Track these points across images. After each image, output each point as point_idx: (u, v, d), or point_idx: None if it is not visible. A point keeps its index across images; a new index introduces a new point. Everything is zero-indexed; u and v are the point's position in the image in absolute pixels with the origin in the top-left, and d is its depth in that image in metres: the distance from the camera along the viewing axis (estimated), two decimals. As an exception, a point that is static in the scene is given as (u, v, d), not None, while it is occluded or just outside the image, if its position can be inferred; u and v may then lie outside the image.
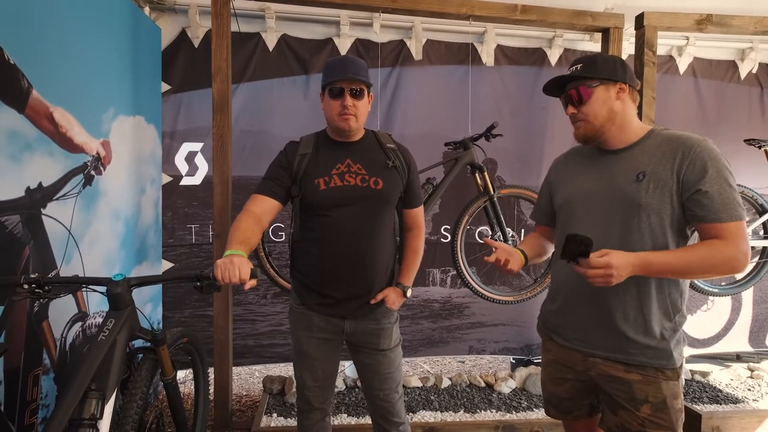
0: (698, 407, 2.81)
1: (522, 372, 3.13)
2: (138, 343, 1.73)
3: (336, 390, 2.96)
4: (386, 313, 1.82)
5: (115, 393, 1.47)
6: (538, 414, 2.75)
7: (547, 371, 1.71)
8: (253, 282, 1.44)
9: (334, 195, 1.69)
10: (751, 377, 3.27)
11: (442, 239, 3.38)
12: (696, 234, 1.45)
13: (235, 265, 1.39)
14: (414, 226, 1.90)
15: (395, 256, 1.88)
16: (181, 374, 3.23)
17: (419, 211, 1.91)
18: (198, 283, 1.52)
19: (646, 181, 1.40)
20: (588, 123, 1.48)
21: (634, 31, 2.95)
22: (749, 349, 3.78)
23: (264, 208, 1.69)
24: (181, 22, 3.04)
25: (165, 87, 3.02)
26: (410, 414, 2.74)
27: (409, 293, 1.85)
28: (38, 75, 1.81)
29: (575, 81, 1.50)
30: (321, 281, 1.75)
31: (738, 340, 3.75)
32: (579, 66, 1.50)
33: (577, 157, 1.65)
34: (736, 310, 3.73)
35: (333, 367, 1.87)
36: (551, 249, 1.81)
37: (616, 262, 1.29)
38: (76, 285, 1.63)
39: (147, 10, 2.92)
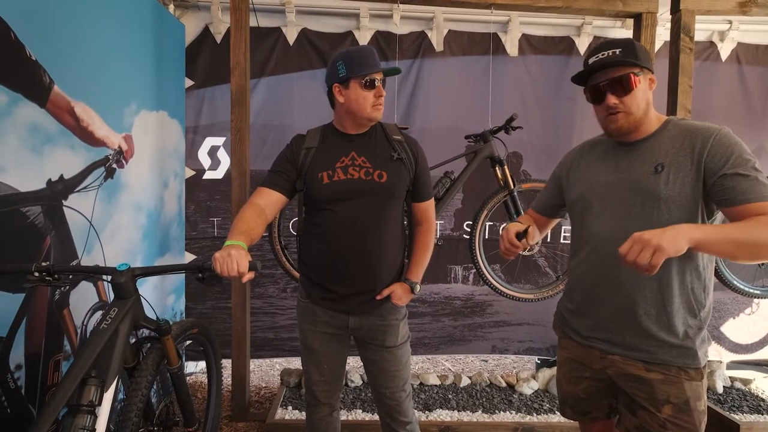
0: (737, 417, 2.64)
1: (545, 373, 3.03)
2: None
3: (352, 385, 2.95)
4: (393, 310, 1.78)
5: (116, 381, 1.49)
6: (560, 417, 2.64)
7: (563, 370, 1.65)
8: (251, 275, 1.43)
9: (337, 189, 1.66)
10: (799, 386, 3.05)
11: (464, 235, 3.31)
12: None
13: (233, 259, 1.38)
14: (423, 220, 1.85)
15: (403, 251, 1.84)
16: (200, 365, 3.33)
17: (429, 204, 1.85)
18: (200, 275, 1.53)
19: (665, 173, 1.35)
20: (630, 115, 1.40)
21: (669, 16, 2.78)
22: (799, 356, 3.53)
23: (268, 200, 1.69)
24: (204, 19, 3.09)
25: (188, 82, 3.09)
26: (426, 412, 2.70)
27: (417, 289, 1.80)
28: (60, 71, 1.86)
29: (616, 68, 1.39)
30: (325, 276, 1.73)
31: (787, 346, 3.51)
32: (618, 51, 1.38)
33: (591, 150, 1.58)
34: (784, 313, 3.49)
35: (339, 362, 1.85)
36: (538, 235, 1.79)
37: (643, 236, 1.17)
38: (83, 273, 1.67)
39: (171, 7, 2.99)
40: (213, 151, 3.16)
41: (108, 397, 1.44)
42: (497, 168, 2.81)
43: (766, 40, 3.33)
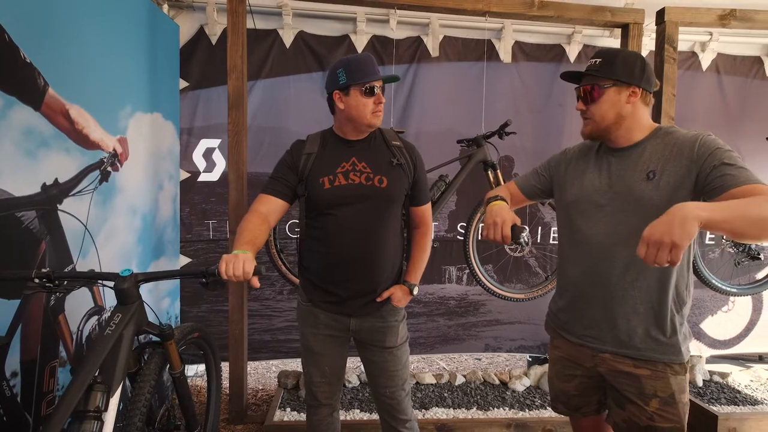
0: (715, 408, 2.76)
1: (537, 370, 3.11)
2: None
3: (350, 386, 2.97)
4: (392, 311, 1.81)
5: (121, 386, 1.47)
6: (552, 412, 2.71)
7: (556, 368, 1.71)
8: (255, 279, 1.44)
9: (338, 194, 1.69)
10: (773, 379, 3.19)
11: (458, 236, 3.37)
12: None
13: (239, 260, 1.42)
14: (421, 223, 1.89)
15: (402, 254, 1.87)
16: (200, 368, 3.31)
17: (426, 208, 1.89)
18: (203, 279, 1.53)
19: (657, 180, 1.41)
20: (593, 122, 1.49)
21: (655, 27, 2.87)
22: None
23: (270, 207, 1.71)
24: (199, 20, 3.06)
25: (183, 84, 3.05)
26: (422, 410, 2.74)
27: (415, 291, 1.84)
28: (55, 73, 1.83)
29: (590, 77, 1.48)
30: (326, 279, 1.76)
31: (760, 341, 3.68)
32: (598, 61, 1.47)
33: (588, 152, 1.63)
34: (757, 310, 3.66)
35: (340, 363, 1.87)
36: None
37: (653, 236, 1.14)
38: (84, 279, 1.64)
39: (165, 8, 2.95)
40: (208, 153, 3.13)
41: (114, 402, 1.43)
42: (490, 171, 2.88)
43: (744, 51, 3.48)
